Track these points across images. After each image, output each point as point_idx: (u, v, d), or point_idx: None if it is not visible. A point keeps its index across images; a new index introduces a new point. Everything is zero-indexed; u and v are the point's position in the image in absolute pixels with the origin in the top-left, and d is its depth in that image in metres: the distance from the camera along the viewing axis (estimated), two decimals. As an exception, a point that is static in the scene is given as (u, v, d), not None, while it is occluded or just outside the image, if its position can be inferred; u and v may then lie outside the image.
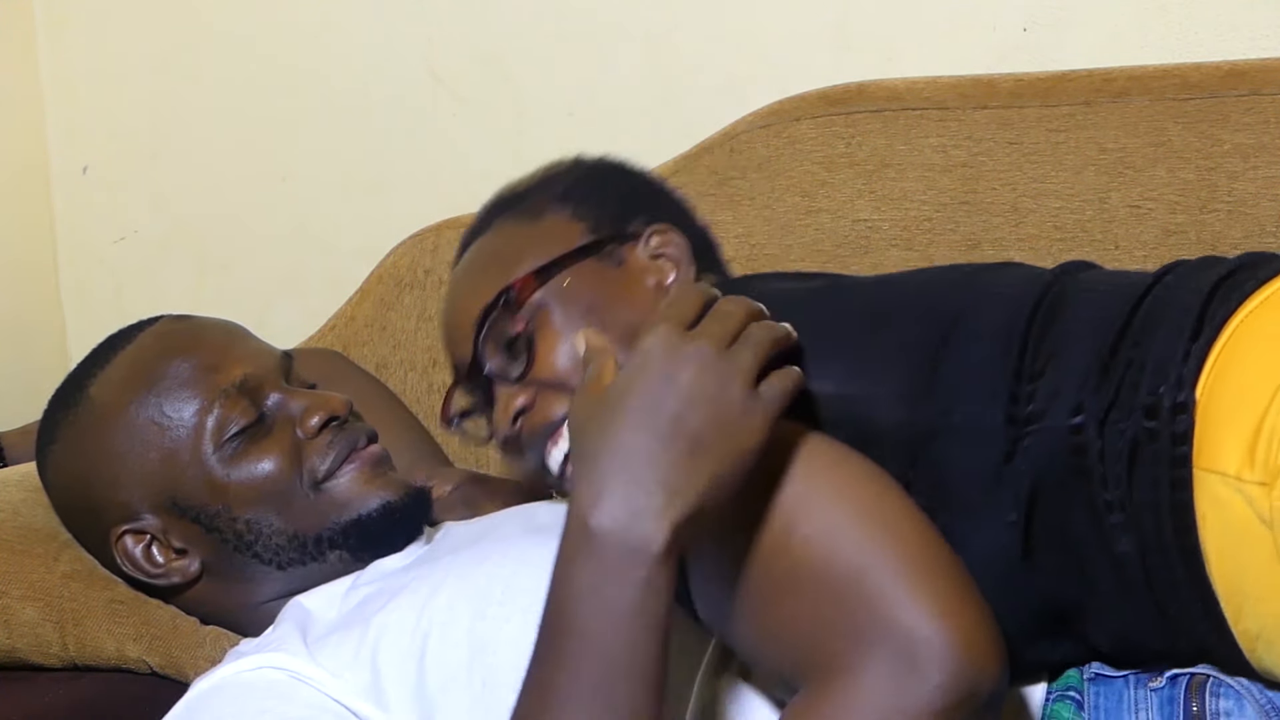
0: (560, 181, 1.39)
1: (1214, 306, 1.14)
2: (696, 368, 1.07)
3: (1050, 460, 1.13)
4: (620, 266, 1.32)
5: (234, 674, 1.26)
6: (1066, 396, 1.13)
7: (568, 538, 1.07)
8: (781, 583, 1.09)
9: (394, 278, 1.83)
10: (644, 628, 1.04)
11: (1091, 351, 1.14)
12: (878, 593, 1.05)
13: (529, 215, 1.36)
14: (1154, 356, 1.12)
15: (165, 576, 1.41)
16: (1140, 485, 1.11)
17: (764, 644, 1.12)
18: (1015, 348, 1.15)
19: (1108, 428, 1.12)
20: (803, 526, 1.08)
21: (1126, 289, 1.18)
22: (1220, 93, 1.58)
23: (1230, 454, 1.08)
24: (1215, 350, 1.11)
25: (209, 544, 1.39)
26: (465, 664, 1.23)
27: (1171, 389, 1.10)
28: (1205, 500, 1.09)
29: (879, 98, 1.69)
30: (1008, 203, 1.62)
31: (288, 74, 2.11)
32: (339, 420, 1.40)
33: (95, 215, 2.23)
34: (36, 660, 1.49)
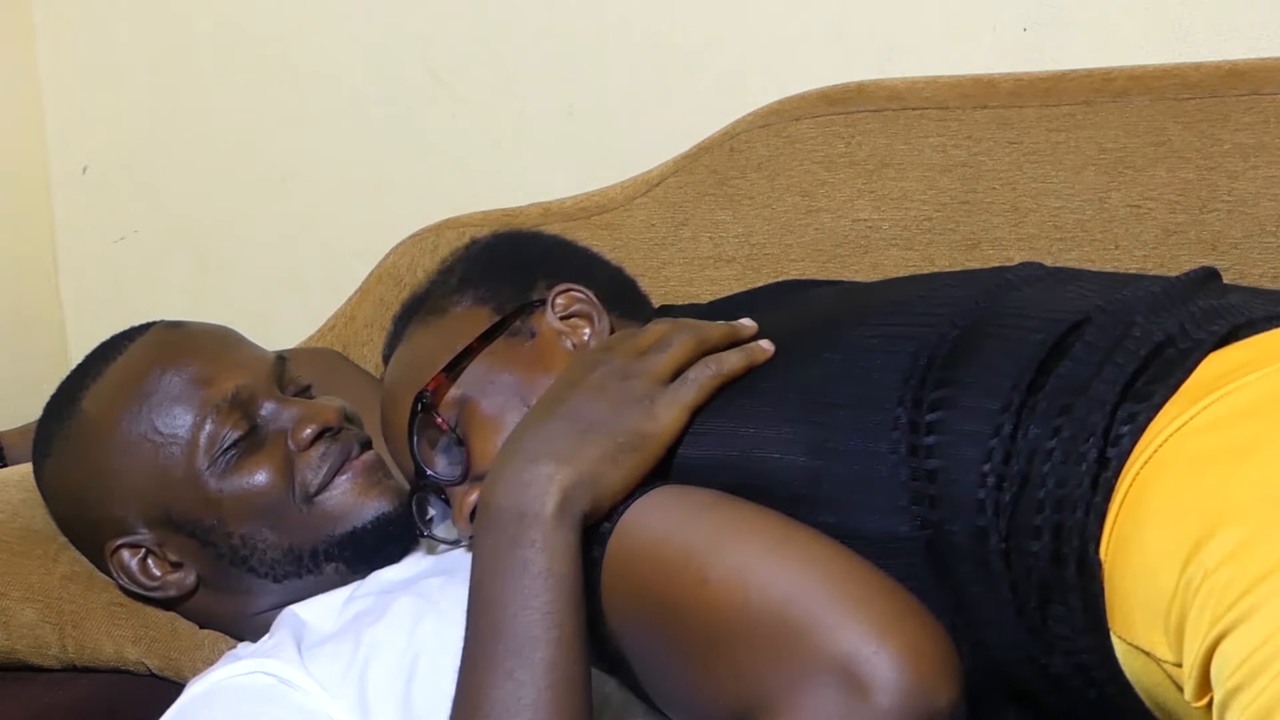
0: (455, 272, 1.37)
1: (1118, 426, 1.01)
2: (602, 370, 1.16)
3: (967, 580, 1.05)
4: (534, 339, 1.30)
5: (227, 678, 1.26)
6: (965, 509, 1.04)
7: (477, 520, 1.13)
8: (705, 639, 1.05)
9: (394, 278, 1.83)
10: (548, 589, 1.07)
11: (982, 452, 1.04)
12: (808, 622, 1.01)
13: (434, 314, 1.34)
14: (1053, 488, 1.01)
15: (162, 590, 1.41)
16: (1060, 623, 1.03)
17: (703, 699, 1.07)
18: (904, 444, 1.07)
19: (1013, 561, 1.03)
20: (711, 573, 1.05)
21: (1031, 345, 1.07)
22: (1220, 93, 1.58)
23: (1143, 629, 0.99)
24: (1115, 505, 1.00)
25: (204, 558, 1.39)
26: (452, 687, 1.23)
27: (1075, 547, 1.01)
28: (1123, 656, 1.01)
29: (879, 98, 1.69)
30: (1008, 203, 1.62)
31: (287, 74, 2.11)
32: (332, 431, 1.39)
33: (95, 215, 2.23)
34: (35, 662, 1.49)
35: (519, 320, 1.30)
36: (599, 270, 1.39)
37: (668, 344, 1.18)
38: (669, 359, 1.17)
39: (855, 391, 1.11)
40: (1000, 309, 1.13)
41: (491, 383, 1.28)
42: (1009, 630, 1.05)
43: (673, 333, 1.19)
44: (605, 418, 1.13)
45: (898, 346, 1.11)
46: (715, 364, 1.17)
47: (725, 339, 1.20)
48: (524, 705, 1.06)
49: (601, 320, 1.29)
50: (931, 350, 1.10)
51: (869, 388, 1.10)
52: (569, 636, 1.07)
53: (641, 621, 1.09)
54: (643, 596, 1.09)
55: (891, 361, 1.10)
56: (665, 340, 1.18)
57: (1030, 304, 1.14)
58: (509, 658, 1.07)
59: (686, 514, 1.10)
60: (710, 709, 1.07)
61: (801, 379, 1.15)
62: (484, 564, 1.11)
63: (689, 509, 1.10)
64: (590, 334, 1.29)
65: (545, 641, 1.07)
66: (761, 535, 1.07)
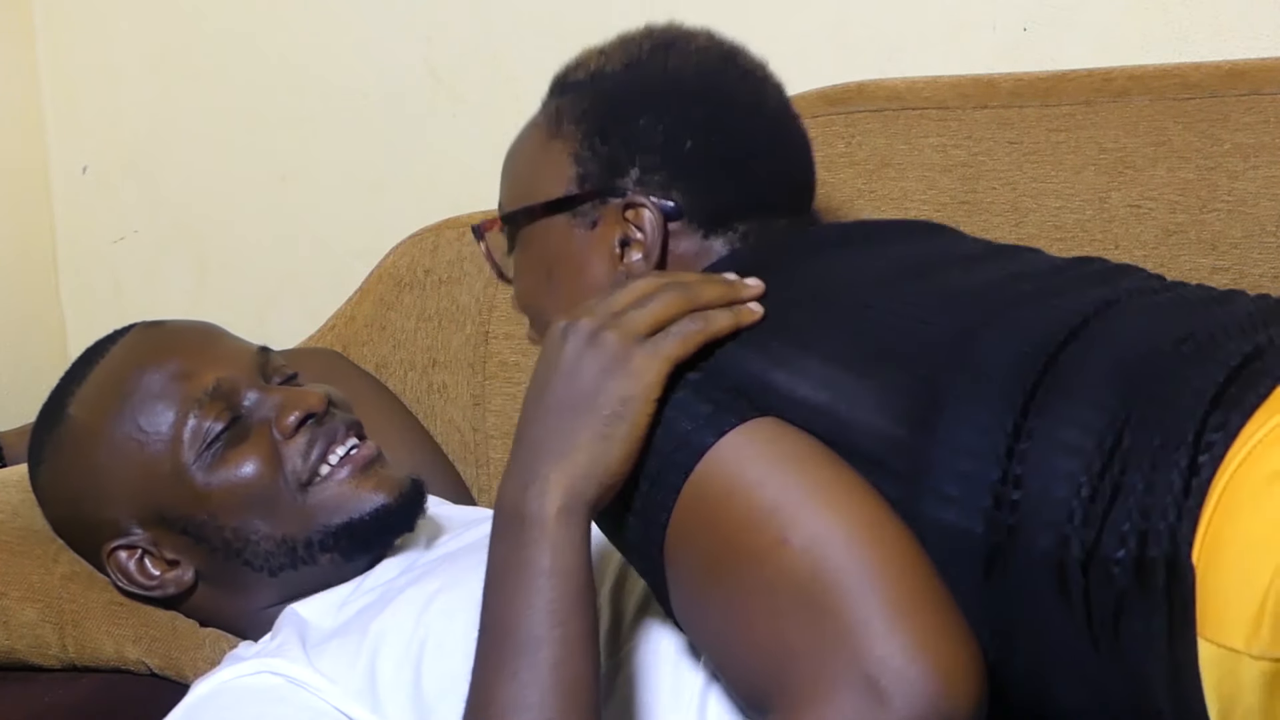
0: (593, 89, 1.33)
1: (1209, 433, 1.02)
2: (573, 341, 1.13)
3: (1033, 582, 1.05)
4: (590, 230, 1.30)
5: (232, 678, 1.26)
6: (1049, 517, 1.04)
7: (492, 526, 1.13)
8: (761, 591, 1.06)
9: (394, 278, 1.83)
10: (551, 587, 1.08)
11: (1079, 463, 1.04)
12: (857, 620, 1.02)
13: (552, 121, 1.34)
14: (1142, 495, 1.02)
15: (160, 589, 1.41)
16: (1132, 646, 1.02)
17: (735, 653, 1.09)
18: (1003, 442, 1.06)
19: (1092, 569, 1.02)
20: (792, 535, 1.05)
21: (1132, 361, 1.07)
22: (1220, 93, 1.58)
23: (1235, 629, 0.98)
24: (1208, 508, 1.00)
25: (199, 554, 1.39)
26: (461, 672, 1.23)
27: (1165, 549, 1.00)
28: (1209, 662, 1.00)
29: (879, 98, 1.69)
30: (1008, 203, 1.62)
31: (287, 74, 2.11)
32: (316, 417, 1.39)
33: (95, 215, 2.23)
34: (36, 661, 1.49)
35: (589, 203, 1.30)
36: (713, 175, 1.30)
37: (646, 300, 1.15)
38: (646, 314, 1.13)
39: (968, 383, 1.09)
40: (1107, 320, 1.13)
41: (535, 248, 1.31)
42: (1065, 644, 1.05)
43: (656, 290, 1.16)
44: (586, 393, 1.11)
45: (1012, 344, 1.10)
46: (702, 320, 1.14)
47: (721, 298, 1.16)
48: (528, 705, 1.06)
49: (654, 253, 1.27)
50: (1046, 356, 1.09)
51: (982, 384, 1.08)
52: (574, 635, 1.07)
53: (706, 556, 1.09)
54: (716, 534, 1.08)
55: (1007, 359, 1.09)
56: (645, 297, 1.15)
57: (1133, 318, 1.14)
58: (514, 658, 1.07)
59: (783, 464, 1.08)
60: (739, 658, 1.08)
61: (916, 344, 1.12)
62: (492, 567, 1.12)
63: (787, 459, 1.08)
64: (639, 260, 1.28)
65: (549, 641, 1.07)
66: (851, 514, 1.06)
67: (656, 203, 1.28)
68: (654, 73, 1.33)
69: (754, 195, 1.31)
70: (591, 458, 1.10)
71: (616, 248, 1.29)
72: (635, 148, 1.30)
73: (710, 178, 1.30)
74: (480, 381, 1.77)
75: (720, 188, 1.30)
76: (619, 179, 1.29)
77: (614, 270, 1.28)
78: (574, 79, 1.35)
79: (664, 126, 1.30)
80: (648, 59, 1.33)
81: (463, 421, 1.78)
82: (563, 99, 1.35)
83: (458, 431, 1.78)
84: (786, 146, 1.36)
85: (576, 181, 1.30)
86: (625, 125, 1.30)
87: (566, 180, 1.31)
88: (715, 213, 1.29)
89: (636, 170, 1.29)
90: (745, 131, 1.33)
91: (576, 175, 1.31)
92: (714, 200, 1.29)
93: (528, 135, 1.37)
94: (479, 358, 1.78)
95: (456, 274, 1.79)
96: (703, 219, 1.29)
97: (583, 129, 1.31)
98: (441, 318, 1.80)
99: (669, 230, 1.28)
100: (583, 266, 1.29)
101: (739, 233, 1.30)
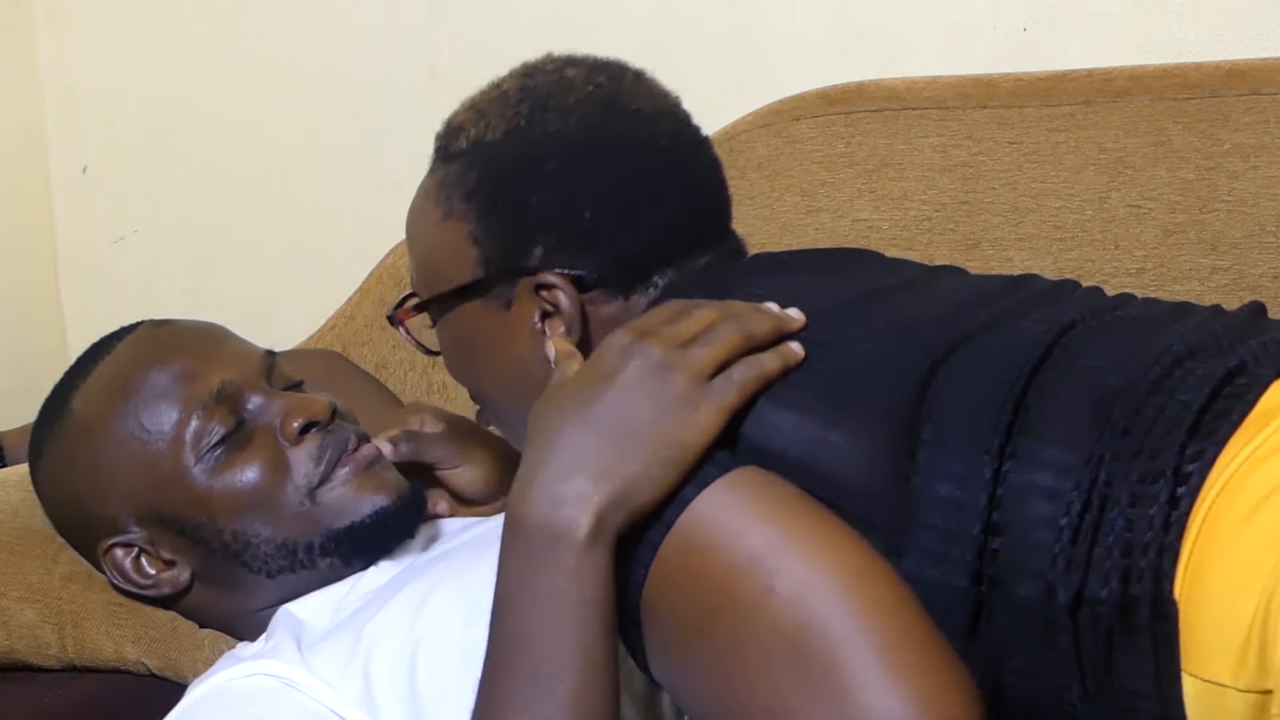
0: (478, 161, 1.26)
1: (1186, 464, 0.99)
2: (639, 364, 1.07)
3: (1020, 630, 1.02)
4: (506, 310, 1.24)
5: (228, 680, 1.26)
6: (1032, 565, 1.01)
7: (504, 530, 1.07)
8: (748, 644, 1.02)
9: (394, 278, 1.83)
10: (575, 615, 1.03)
11: (1057, 507, 1.01)
12: (851, 670, 0.98)
13: (442, 200, 1.27)
14: (1122, 532, 0.99)
15: (156, 588, 1.40)
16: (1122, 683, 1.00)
17: (727, 713, 1.04)
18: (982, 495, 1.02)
19: (1080, 612, 1.00)
20: (778, 584, 1.01)
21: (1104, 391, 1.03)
22: (1220, 93, 1.58)
23: (1220, 661, 0.96)
24: (1188, 542, 0.98)
25: (197, 555, 1.38)
26: (456, 672, 1.22)
27: (1148, 588, 0.98)
28: (1194, 696, 0.98)
29: (879, 98, 1.69)
30: (1008, 203, 1.62)
31: (287, 74, 2.11)
32: (321, 424, 1.37)
33: (95, 215, 2.23)
34: (35, 662, 1.49)
35: (499, 285, 1.24)
36: (617, 236, 1.23)
37: (715, 337, 1.09)
38: (712, 355, 1.08)
39: (940, 429, 1.05)
40: (1070, 348, 1.09)
41: (456, 335, 1.27)
42: (1054, 689, 1.03)
43: (720, 323, 1.10)
44: (645, 424, 1.06)
45: (980, 382, 1.06)
46: (757, 366, 1.09)
47: (771, 334, 1.11)
48: None
49: (575, 326, 1.21)
50: (1016, 395, 1.05)
51: (955, 429, 1.05)
52: (598, 665, 1.04)
53: (690, 610, 1.05)
54: (700, 586, 1.04)
55: (977, 399, 1.05)
56: (713, 332, 1.09)
57: (1097, 343, 1.09)
58: (531, 688, 1.04)
59: (767, 511, 1.04)
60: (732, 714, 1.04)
61: (880, 384, 1.08)
62: (511, 583, 1.06)
63: (771, 506, 1.05)
64: (565, 332, 1.22)
65: (570, 672, 1.03)
66: (839, 559, 1.02)
67: (567, 277, 1.21)
68: (536, 138, 1.24)
69: (666, 241, 1.25)
70: (634, 489, 1.04)
71: (537, 323, 1.23)
72: (533, 224, 1.23)
73: (616, 239, 1.23)
74: (480, 381, 1.77)
75: (629, 246, 1.23)
76: (523, 259, 1.23)
77: (538, 344, 1.22)
78: (456, 148, 1.27)
79: (557, 199, 1.23)
80: (527, 124, 1.25)
81: (463, 422, 1.78)
82: (448, 168, 1.27)
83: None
84: (690, 180, 1.29)
85: (481, 264, 1.24)
86: (518, 203, 1.23)
87: (470, 263, 1.24)
88: (629, 270, 1.23)
89: (540, 248, 1.22)
90: (643, 179, 1.25)
91: (478, 258, 1.24)
92: (625, 260, 1.23)
93: (421, 212, 1.29)
94: (479, 358, 1.78)
95: (456, 274, 1.79)
96: (618, 281, 1.23)
97: (474, 209, 1.24)
98: (441, 318, 1.80)
99: (585, 300, 1.22)
100: (505, 345, 1.24)
101: (659, 286, 1.24)
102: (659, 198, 1.25)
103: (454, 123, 1.29)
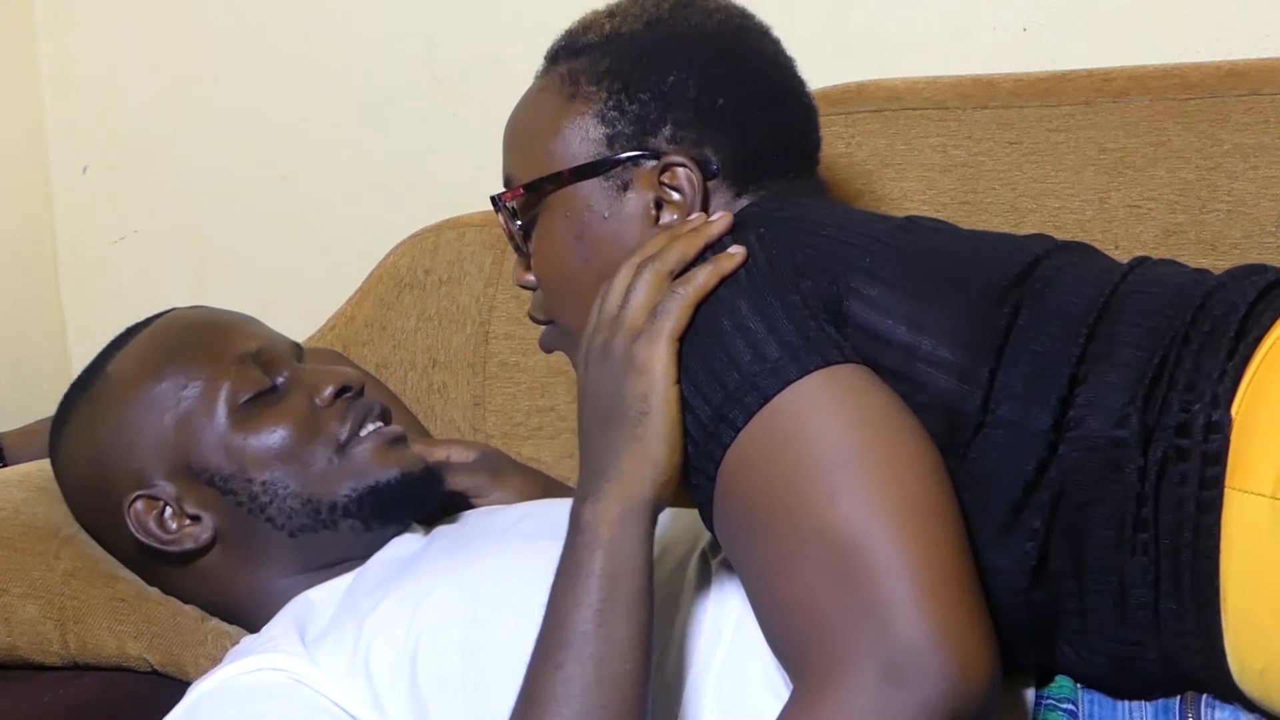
0: (612, 48, 1.30)
1: (1251, 321, 1.11)
2: (594, 359, 1.17)
3: (1084, 471, 1.10)
4: (623, 193, 1.28)
5: (233, 675, 1.26)
6: (1110, 407, 1.10)
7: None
8: (800, 543, 1.07)
9: (394, 278, 1.83)
10: (600, 588, 1.12)
11: (1138, 363, 1.11)
12: (887, 599, 1.03)
13: (568, 84, 1.31)
14: (1190, 372, 1.09)
15: (177, 543, 1.42)
16: (1166, 505, 1.08)
17: (768, 603, 1.10)
18: (1074, 352, 1.11)
19: (1150, 445, 1.09)
20: (841, 499, 1.06)
21: (1175, 294, 1.15)
22: (1220, 93, 1.58)
23: (1266, 474, 1.05)
24: (1251, 368, 1.08)
25: (223, 508, 1.40)
26: (458, 667, 1.23)
27: (1206, 407, 1.07)
28: (1234, 523, 1.06)
29: (879, 98, 1.69)
30: (1008, 203, 1.62)
31: (288, 74, 2.11)
32: (352, 391, 1.43)
33: (95, 215, 2.23)
34: (37, 658, 1.49)
35: (621, 166, 1.27)
36: (744, 126, 1.29)
37: (635, 288, 1.17)
38: (638, 304, 1.16)
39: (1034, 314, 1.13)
40: (1142, 272, 1.19)
41: (564, 215, 1.29)
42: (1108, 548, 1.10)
43: (638, 274, 1.18)
44: (611, 403, 1.15)
45: (1074, 282, 1.16)
46: (684, 286, 1.16)
47: (693, 249, 1.18)
48: (571, 696, 1.09)
49: (694, 213, 1.25)
50: (1104, 297, 1.14)
51: (1055, 316, 1.13)
52: (620, 637, 1.11)
53: (757, 493, 1.10)
54: (768, 475, 1.09)
55: (1079, 294, 1.14)
56: (633, 287, 1.17)
57: (1163, 271, 1.20)
58: (560, 650, 1.11)
59: (850, 419, 1.09)
60: (771, 610, 1.10)
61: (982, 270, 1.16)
62: (561, 564, 1.15)
63: (856, 415, 1.09)
64: (676, 220, 1.26)
65: (595, 638, 1.10)
66: (903, 490, 1.07)
67: (694, 159, 1.27)
68: (678, 29, 1.30)
69: (781, 149, 1.30)
70: (635, 462, 1.13)
71: (652, 209, 1.27)
72: (667, 105, 1.27)
73: (742, 132, 1.28)
74: (480, 381, 1.78)
75: (751, 142, 1.29)
76: (651, 138, 1.27)
77: (649, 233, 1.26)
78: (585, 41, 1.32)
79: (695, 82, 1.28)
80: (669, 16, 1.31)
81: (463, 421, 1.78)
82: (575, 62, 1.31)
83: (458, 431, 1.78)
84: (804, 104, 1.35)
85: (605, 143, 1.28)
86: (655, 82, 1.28)
87: (594, 142, 1.28)
88: (747, 169, 1.28)
89: (669, 128, 1.27)
90: (770, 84, 1.32)
91: (605, 136, 1.28)
92: (746, 155, 1.28)
93: (536, 101, 1.33)
94: (479, 358, 1.78)
95: (456, 274, 1.79)
96: (735, 176, 1.28)
97: (607, 88, 1.28)
98: (441, 318, 1.80)
99: (706, 188, 1.27)
100: (618, 232, 1.27)
101: (769, 191, 1.29)
102: (781, 105, 1.32)
103: (578, 25, 1.35)
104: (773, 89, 1.32)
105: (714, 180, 1.27)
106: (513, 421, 1.76)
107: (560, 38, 1.36)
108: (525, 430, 1.76)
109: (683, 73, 1.28)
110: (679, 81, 1.28)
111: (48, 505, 1.52)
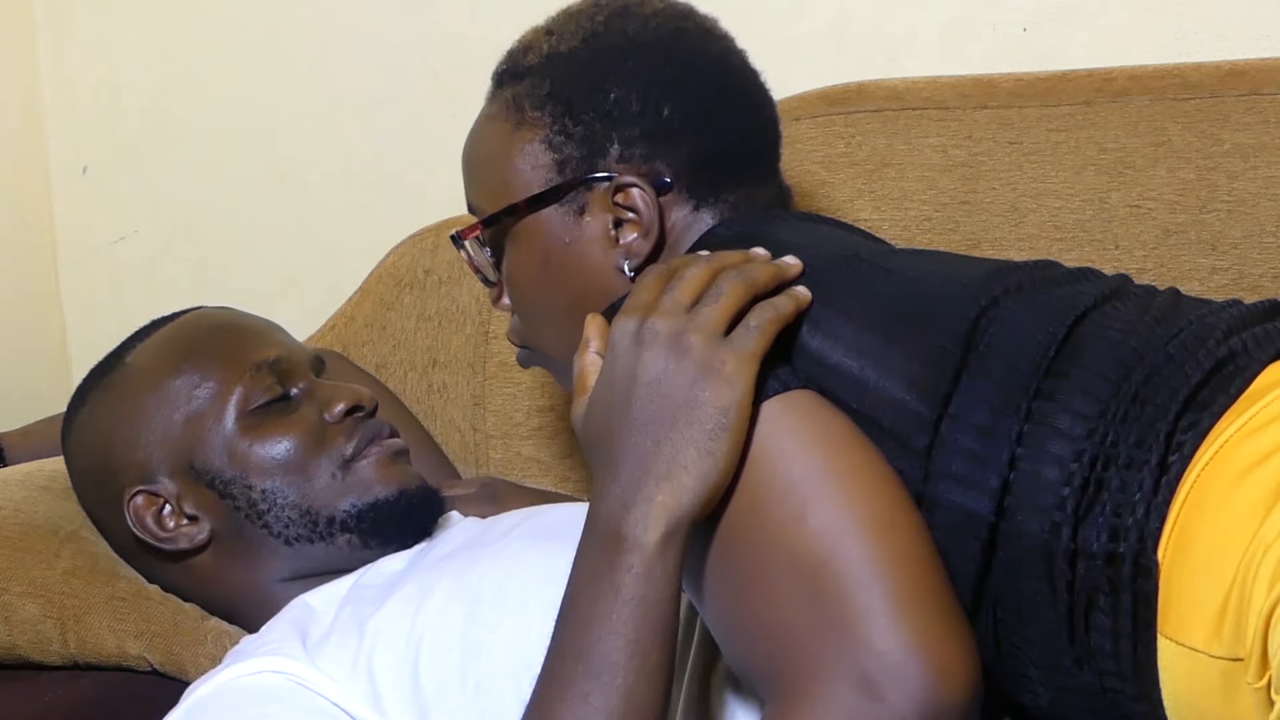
0: (551, 70, 1.28)
1: (1180, 434, 1.03)
2: (652, 345, 1.08)
3: (1025, 567, 1.06)
4: (580, 217, 1.26)
5: (233, 678, 1.26)
6: (1043, 502, 1.05)
7: (583, 533, 1.10)
8: (770, 561, 1.06)
9: (394, 278, 1.83)
10: (637, 616, 1.05)
11: (1071, 449, 1.05)
12: (860, 611, 1.02)
13: (513, 110, 1.29)
14: (1116, 491, 1.03)
15: (172, 541, 1.42)
16: (1099, 632, 1.04)
17: (737, 624, 1.08)
18: (1014, 425, 1.06)
19: (1078, 561, 1.04)
20: (810, 515, 1.05)
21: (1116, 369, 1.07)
22: (1220, 93, 1.58)
23: (1198, 627, 0.99)
24: (1176, 506, 1.01)
25: (221, 511, 1.41)
26: (458, 668, 1.23)
27: (1133, 546, 1.02)
28: (1169, 670, 1.02)
29: (879, 98, 1.69)
30: (1008, 203, 1.62)
31: (287, 73, 2.11)
32: (364, 411, 1.44)
33: (95, 215, 2.23)
34: (37, 658, 1.49)
35: (574, 191, 1.26)
36: (692, 135, 1.26)
37: (720, 291, 1.10)
38: (722, 310, 1.09)
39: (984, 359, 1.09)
40: (1106, 313, 1.13)
41: (524, 245, 1.28)
42: (1050, 635, 1.06)
43: (722, 276, 1.11)
44: (681, 405, 1.06)
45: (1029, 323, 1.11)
46: (772, 309, 1.10)
47: (773, 280, 1.13)
48: None
49: (653, 230, 1.24)
50: (1059, 340, 1.09)
51: (998, 361, 1.09)
52: (652, 667, 1.05)
53: (723, 522, 1.08)
54: (734, 501, 1.07)
55: (1024, 338, 1.10)
56: (716, 287, 1.10)
57: (1131, 314, 1.13)
58: (587, 680, 1.05)
59: (815, 441, 1.07)
60: (741, 630, 1.08)
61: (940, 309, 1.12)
62: (579, 582, 1.08)
63: (820, 436, 1.08)
64: (637, 239, 1.24)
65: (627, 670, 1.05)
66: (872, 505, 1.05)
67: (645, 176, 1.25)
68: (615, 42, 1.27)
69: (735, 155, 1.28)
70: (698, 477, 1.06)
71: (611, 230, 1.26)
72: (611, 123, 1.25)
73: (694, 139, 1.26)
74: (480, 381, 1.77)
75: (704, 147, 1.26)
76: (600, 159, 1.25)
77: (612, 254, 1.26)
78: (526, 64, 1.30)
79: (637, 95, 1.25)
80: (604, 30, 1.28)
81: (463, 421, 1.78)
82: (518, 86, 1.29)
83: (458, 431, 1.78)
84: (756, 103, 1.32)
85: (556, 169, 1.26)
86: (597, 100, 1.25)
87: (544, 169, 1.27)
88: (703, 177, 1.26)
89: (617, 146, 1.25)
90: (717, 87, 1.29)
91: (554, 162, 1.26)
92: (699, 162, 1.26)
93: (486, 130, 1.31)
94: (479, 358, 1.78)
95: (456, 274, 1.79)
96: (691, 186, 1.26)
97: (550, 113, 1.26)
98: (441, 318, 1.80)
99: (660, 204, 1.25)
100: (581, 257, 1.26)
101: (729, 203, 1.27)
102: (730, 108, 1.29)
103: (519, 45, 1.33)
104: (722, 89, 1.29)
105: (669, 194, 1.26)
106: (513, 421, 1.76)
107: (504, 59, 1.34)
108: (525, 430, 1.76)
109: (623, 88, 1.25)
110: (621, 97, 1.25)
111: (48, 504, 1.52)
